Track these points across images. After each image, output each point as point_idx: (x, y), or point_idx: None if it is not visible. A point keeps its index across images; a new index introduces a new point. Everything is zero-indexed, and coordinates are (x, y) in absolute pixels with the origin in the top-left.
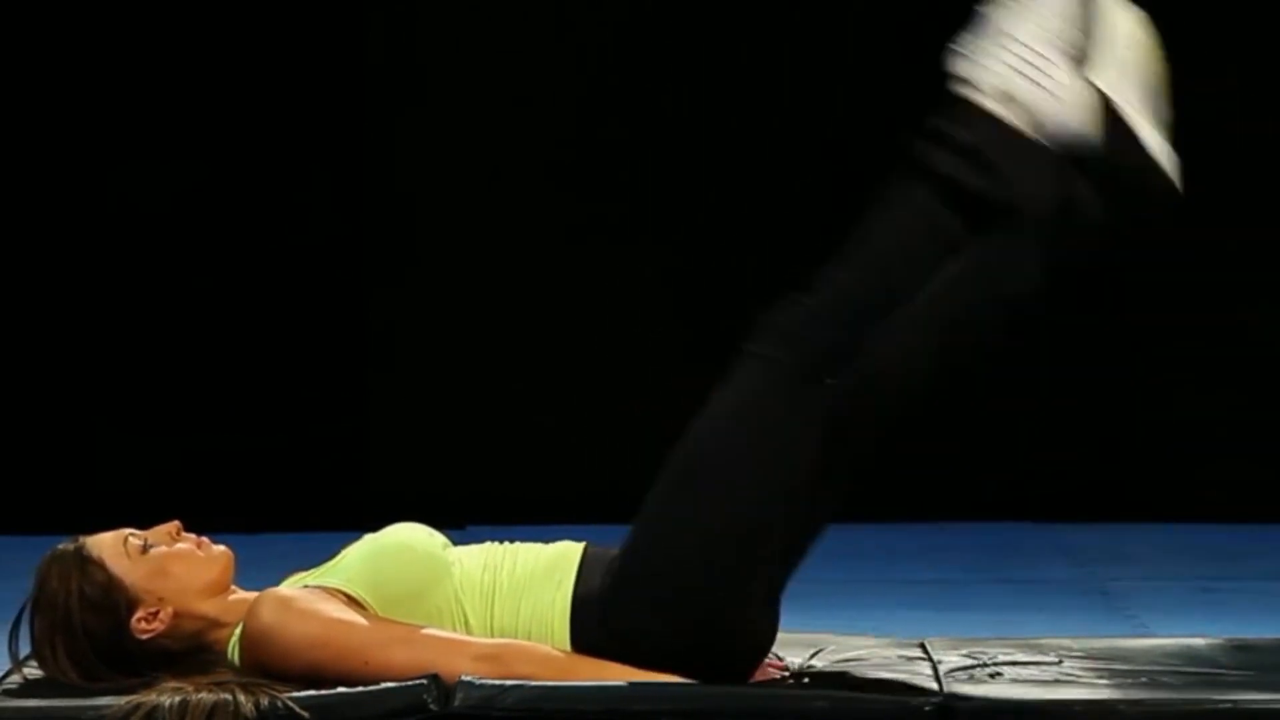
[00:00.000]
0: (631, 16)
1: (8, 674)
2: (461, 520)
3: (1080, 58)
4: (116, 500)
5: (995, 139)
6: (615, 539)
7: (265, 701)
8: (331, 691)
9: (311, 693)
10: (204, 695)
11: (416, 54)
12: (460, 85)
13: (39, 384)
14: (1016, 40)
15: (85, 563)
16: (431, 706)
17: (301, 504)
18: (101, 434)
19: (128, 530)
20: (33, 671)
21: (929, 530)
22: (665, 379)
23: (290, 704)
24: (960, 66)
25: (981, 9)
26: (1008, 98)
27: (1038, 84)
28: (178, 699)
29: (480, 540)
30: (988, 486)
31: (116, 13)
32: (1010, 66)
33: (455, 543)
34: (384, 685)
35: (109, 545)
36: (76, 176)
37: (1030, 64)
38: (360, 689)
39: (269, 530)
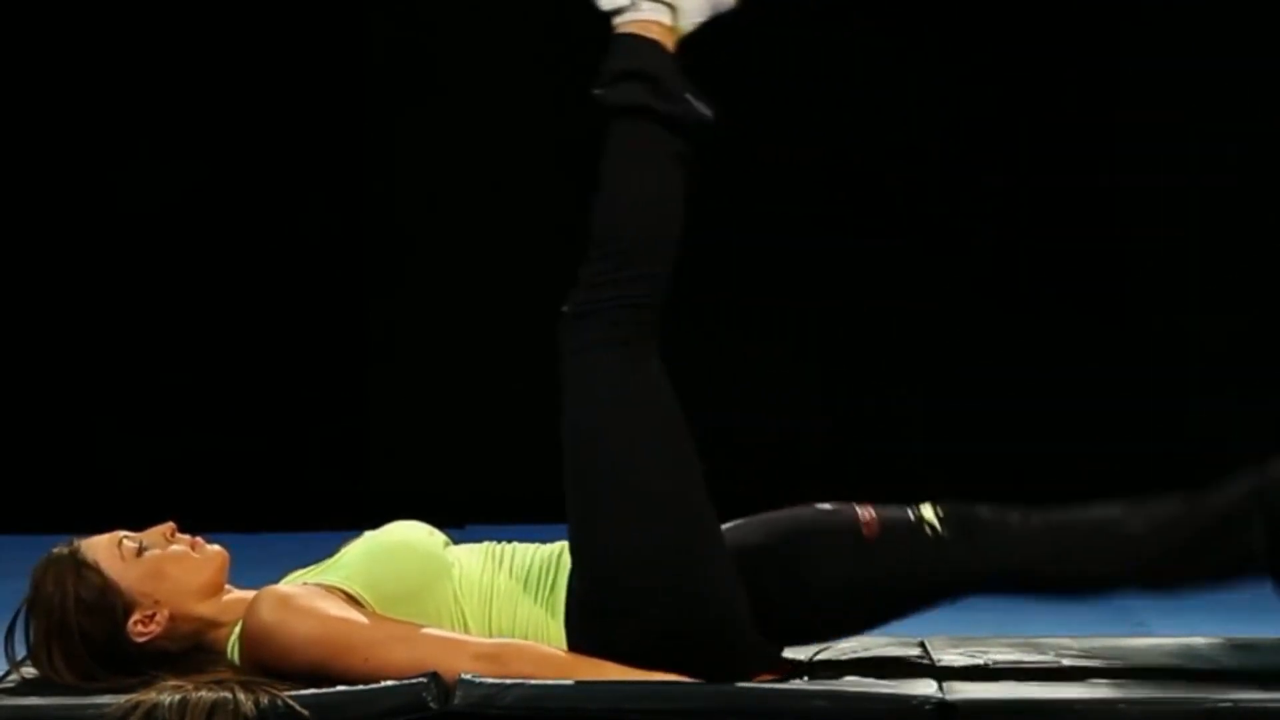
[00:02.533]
0: None
1: (6, 675)
2: (461, 520)
3: None
4: (116, 500)
5: (659, 60)
6: None
7: (265, 700)
8: (331, 690)
9: (311, 691)
10: (204, 693)
11: (417, 54)
12: (460, 85)
13: (39, 383)
14: None
15: (80, 566)
16: (431, 705)
17: (301, 504)
18: (101, 434)
19: (122, 532)
20: (30, 672)
21: None
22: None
23: (290, 702)
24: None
25: None
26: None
27: None
28: (177, 697)
29: (480, 539)
30: (987, 487)
31: (116, 13)
32: None
33: (455, 542)
34: (383, 683)
35: (104, 548)
36: (77, 176)
37: None
38: (360, 687)
39: (269, 530)
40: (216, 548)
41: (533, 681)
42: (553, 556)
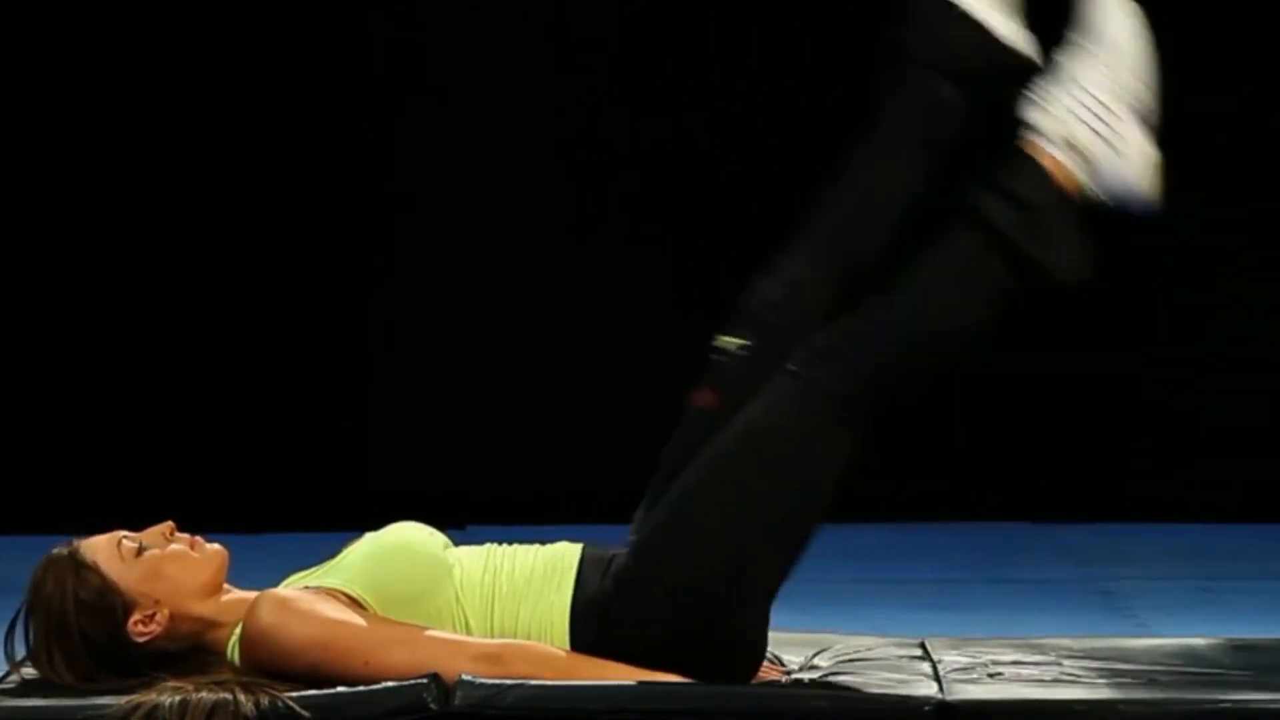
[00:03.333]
0: (632, 15)
1: (6, 675)
2: (461, 520)
3: (1147, 114)
4: (116, 500)
5: (1045, 195)
6: (615, 539)
7: (265, 701)
8: (331, 691)
9: (311, 692)
10: (204, 694)
11: (417, 54)
12: (460, 85)
13: (39, 384)
14: (1086, 90)
15: (80, 567)
16: (431, 706)
17: (301, 504)
18: (101, 434)
19: (121, 533)
20: (30, 673)
21: (929, 530)
22: (665, 379)
23: (290, 704)
24: (1029, 112)
25: (1057, 57)
26: (1069, 145)
27: (1100, 135)
28: (177, 698)
29: (480, 540)
30: (988, 486)
31: (116, 13)
32: (1075, 115)
33: (455, 543)
34: (384, 685)
35: (103, 548)
36: (77, 176)
37: (1096, 115)
38: (360, 688)
39: (269, 530)
40: (216, 547)
41: (533, 682)
42: (555, 557)
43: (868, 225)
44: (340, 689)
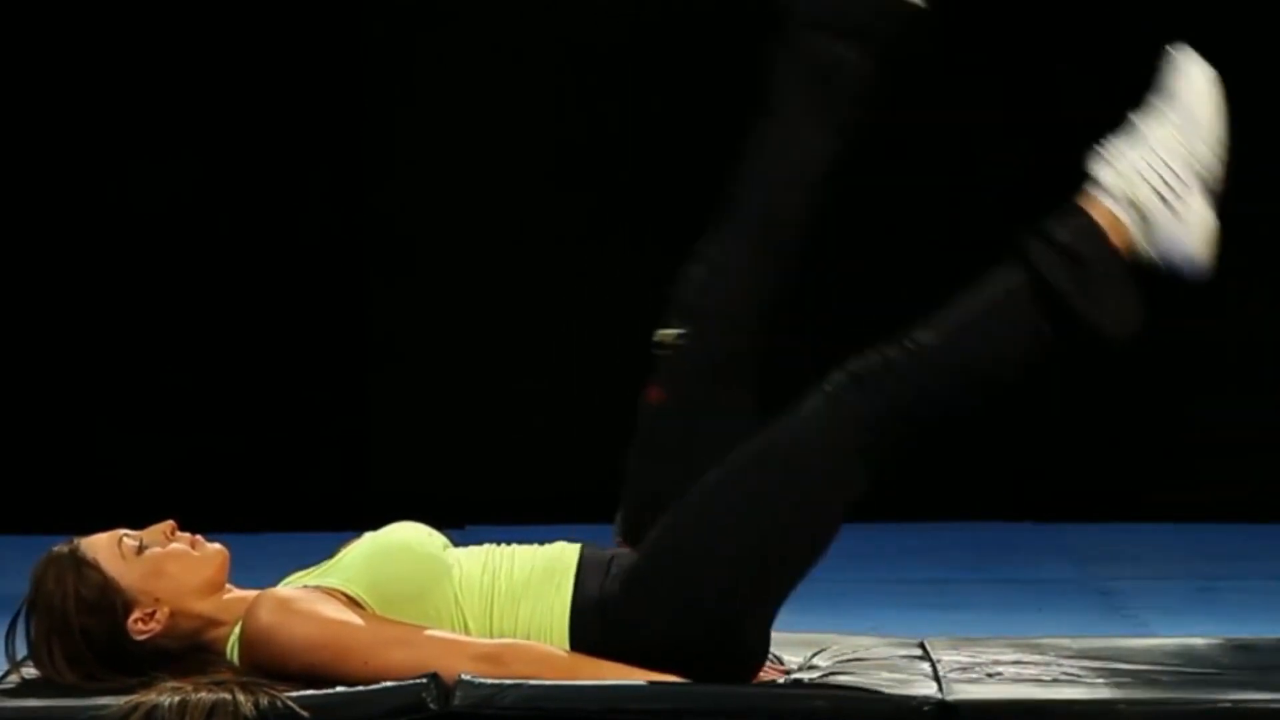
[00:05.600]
0: (631, 15)
1: (6, 675)
2: (461, 520)
3: (1210, 179)
4: (116, 500)
5: (1097, 249)
6: (610, 539)
7: (265, 701)
8: (331, 691)
9: (311, 692)
10: (203, 694)
11: (416, 54)
12: (460, 85)
13: (39, 384)
14: (1155, 151)
15: (80, 565)
16: (431, 706)
17: (301, 504)
18: (101, 434)
19: (122, 531)
20: (31, 672)
21: (929, 530)
22: None
23: (290, 703)
24: (1096, 167)
25: (1134, 116)
26: (1129, 204)
27: (1164, 198)
28: (177, 699)
29: (480, 540)
30: (988, 486)
31: (115, 13)
32: (1140, 174)
33: (455, 543)
34: (383, 685)
35: (104, 546)
36: (77, 176)
37: (1161, 177)
38: (360, 688)
39: (269, 530)
40: (217, 546)
41: (533, 682)
42: (554, 557)
43: (780, 195)
44: (340, 689)
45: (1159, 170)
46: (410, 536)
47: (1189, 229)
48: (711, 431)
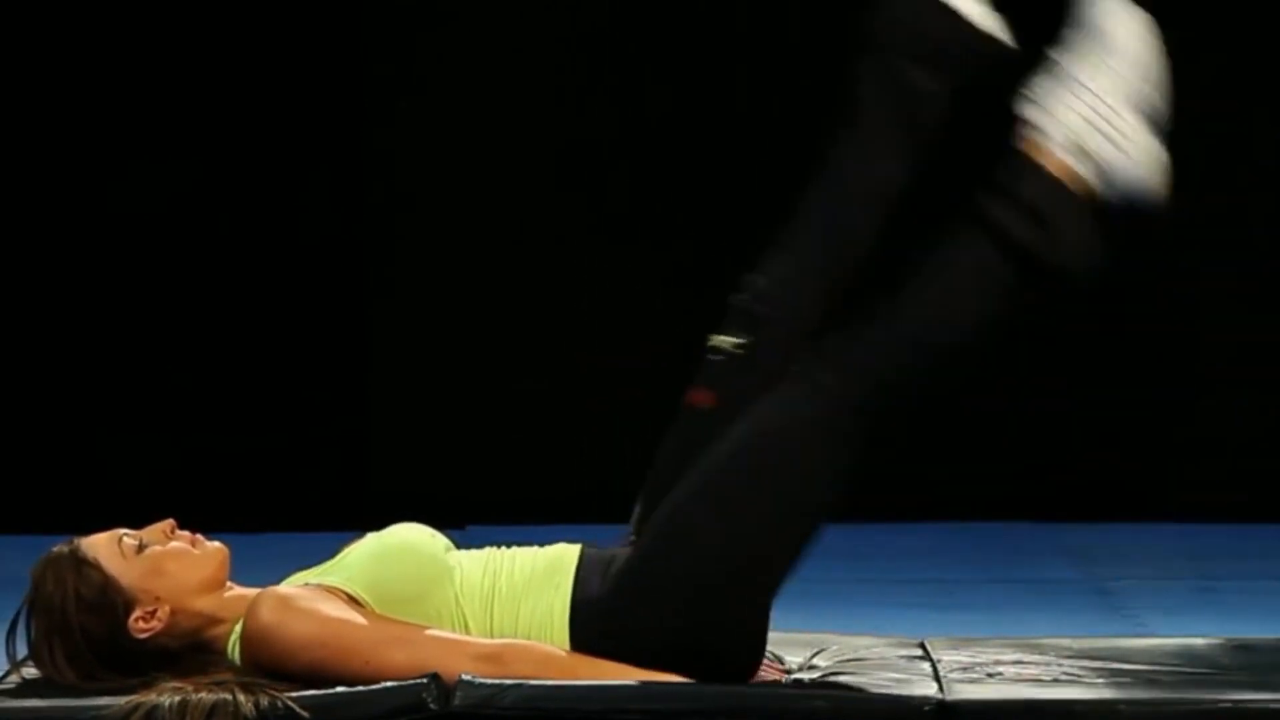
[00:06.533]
0: (631, 15)
1: (6, 675)
2: (461, 520)
3: (1152, 113)
4: (116, 500)
5: (1059, 202)
6: (614, 539)
7: (265, 701)
8: (331, 691)
9: (311, 692)
10: (203, 695)
11: (416, 53)
12: (460, 85)
13: (39, 384)
14: (1091, 91)
15: (81, 564)
16: (431, 706)
17: (301, 504)
18: (101, 434)
19: (122, 530)
20: (31, 672)
21: (929, 530)
22: (665, 380)
23: (290, 703)
24: (1030, 112)
25: (1053, 54)
26: (1079, 150)
27: (1110, 138)
28: (177, 699)
29: (480, 541)
30: (988, 486)
31: (115, 14)
32: (1084, 118)
33: (456, 544)
34: (384, 685)
35: (104, 546)
36: (76, 177)
37: (1103, 117)
38: (360, 688)
39: (269, 530)
40: (217, 544)
41: (533, 682)
42: (554, 557)
43: (853, 218)
44: (340, 689)
45: (1102, 113)
46: (413, 538)
47: (1141, 166)
48: None
